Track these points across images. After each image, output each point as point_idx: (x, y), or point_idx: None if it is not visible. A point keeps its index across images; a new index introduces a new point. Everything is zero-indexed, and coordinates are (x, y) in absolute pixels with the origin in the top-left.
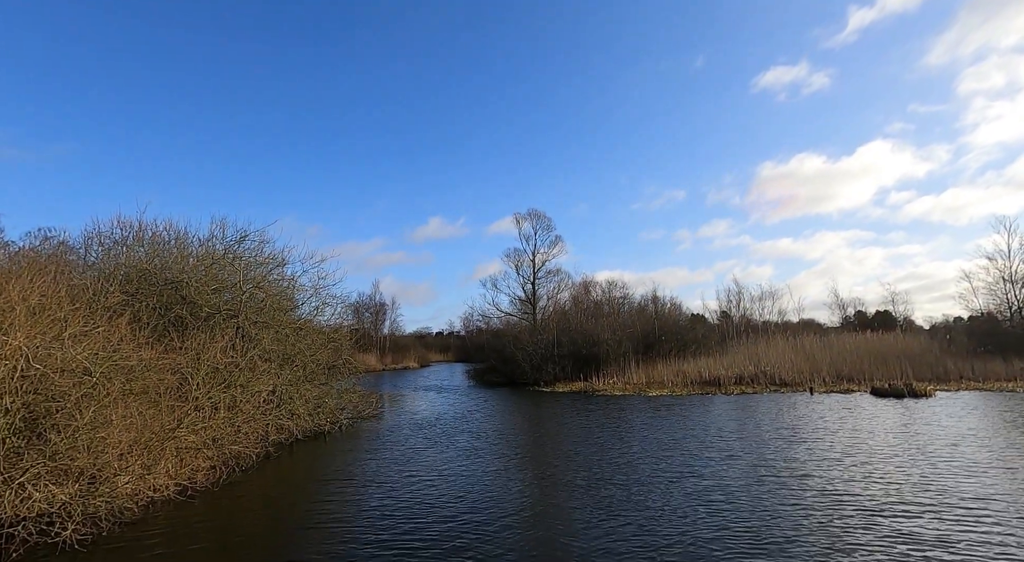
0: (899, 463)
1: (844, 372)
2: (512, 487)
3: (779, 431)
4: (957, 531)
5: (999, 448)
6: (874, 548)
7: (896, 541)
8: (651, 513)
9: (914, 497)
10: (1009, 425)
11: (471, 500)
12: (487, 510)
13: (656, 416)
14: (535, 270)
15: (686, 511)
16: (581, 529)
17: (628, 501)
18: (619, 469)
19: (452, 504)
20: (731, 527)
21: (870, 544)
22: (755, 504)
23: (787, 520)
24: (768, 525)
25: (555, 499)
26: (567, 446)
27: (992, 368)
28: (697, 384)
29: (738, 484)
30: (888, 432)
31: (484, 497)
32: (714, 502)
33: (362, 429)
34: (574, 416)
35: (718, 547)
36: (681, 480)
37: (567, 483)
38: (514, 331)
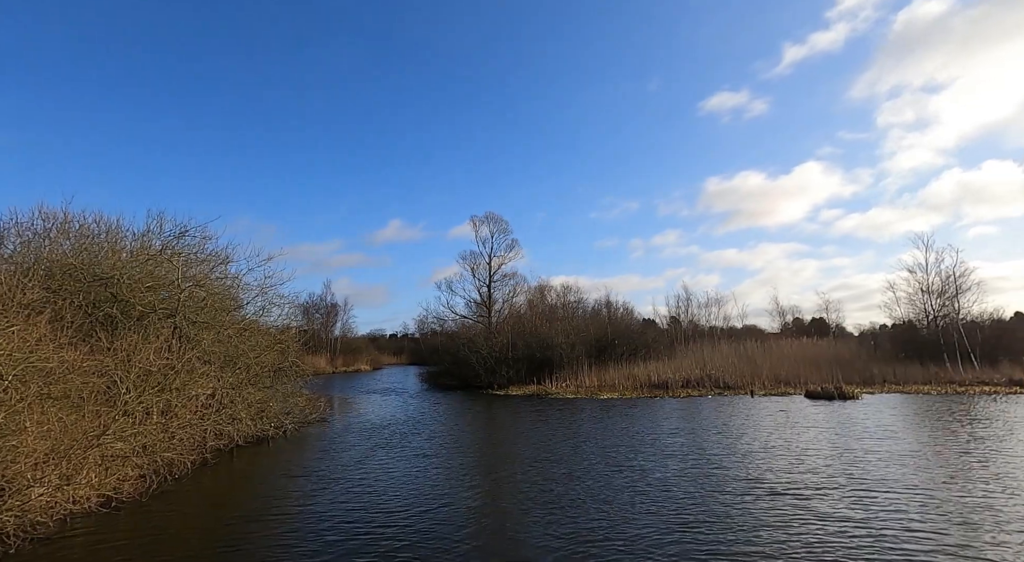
0: (822, 456)
1: (782, 376)
2: (464, 488)
3: (720, 431)
4: (865, 510)
5: (909, 443)
6: (793, 526)
7: (810, 518)
8: (597, 508)
9: (831, 483)
10: (920, 424)
11: (422, 502)
12: (438, 512)
13: (606, 418)
14: (491, 273)
15: (630, 505)
16: (530, 527)
17: (577, 499)
18: (569, 469)
19: (402, 507)
20: (664, 514)
21: (790, 523)
22: (691, 496)
23: (720, 507)
24: (702, 512)
25: (506, 499)
26: (519, 448)
27: (911, 372)
28: (647, 387)
29: (677, 478)
30: (817, 430)
31: (435, 499)
32: (654, 495)
33: (309, 434)
34: (527, 419)
35: (653, 532)
36: (626, 476)
37: (518, 484)
38: (469, 334)
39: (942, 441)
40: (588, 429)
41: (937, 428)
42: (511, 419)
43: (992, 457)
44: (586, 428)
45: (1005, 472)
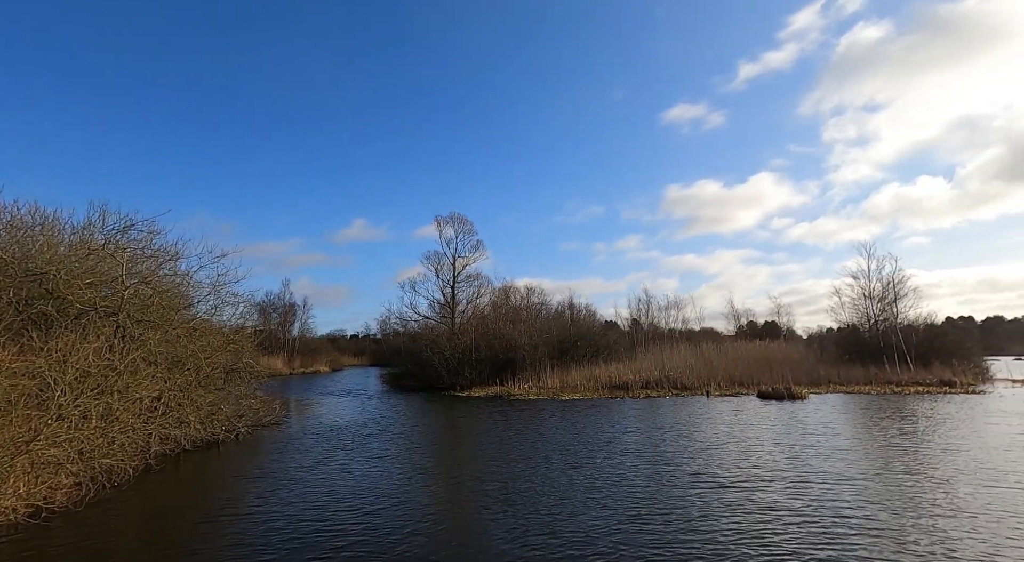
0: (768, 452)
1: (736, 377)
2: (423, 489)
3: (675, 430)
4: (802, 499)
5: (847, 440)
6: (735, 515)
7: (751, 508)
8: (553, 503)
9: (773, 476)
10: (858, 422)
11: (380, 503)
12: (396, 512)
13: (566, 418)
14: (455, 274)
15: (584, 500)
16: (487, 524)
17: (534, 495)
18: (528, 468)
19: (359, 508)
20: (617, 507)
21: (733, 512)
22: (644, 490)
23: (669, 499)
24: (653, 504)
25: (465, 497)
26: (479, 448)
27: (853, 373)
28: (607, 388)
29: (632, 475)
30: (765, 429)
31: (393, 500)
32: (609, 490)
33: (263, 437)
34: (488, 420)
35: (605, 523)
36: (583, 473)
37: (477, 483)
38: (432, 335)
39: (876, 437)
40: (548, 429)
41: (873, 425)
42: (472, 420)
43: (917, 451)
44: (547, 428)
45: (928, 464)
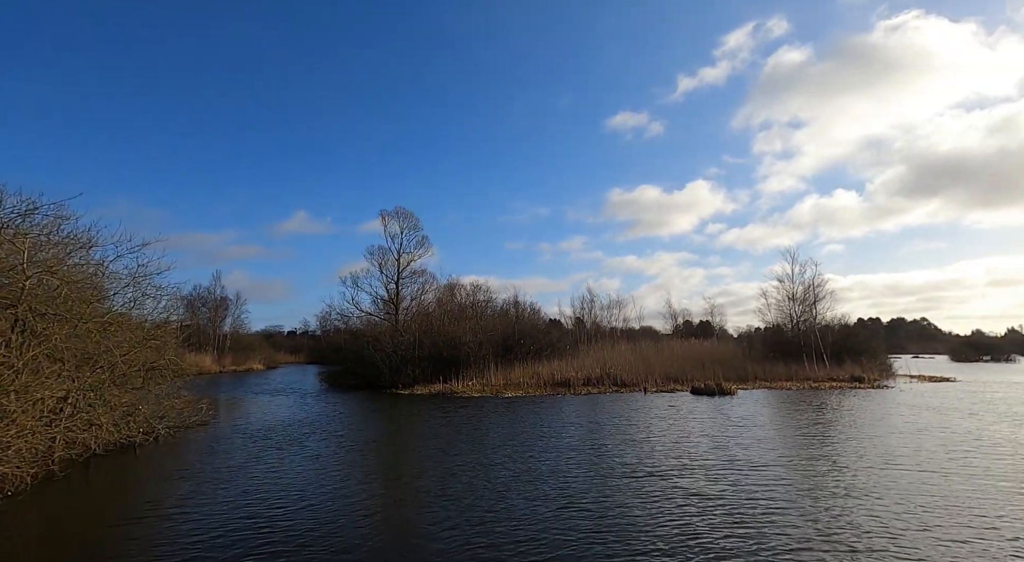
0: (695, 443)
1: (672, 374)
2: (361, 488)
3: (613, 425)
4: (721, 485)
5: (767, 431)
6: (661, 501)
7: (675, 493)
8: (492, 496)
9: (698, 464)
10: (778, 414)
11: (314, 503)
12: (331, 512)
13: (508, 415)
14: (399, 270)
15: (523, 492)
16: (427, 524)
17: (473, 489)
18: (469, 465)
19: (292, 509)
20: (554, 496)
21: (660, 498)
22: (580, 480)
23: (603, 488)
24: (589, 493)
25: (404, 495)
26: (420, 446)
27: (777, 370)
28: (550, 385)
29: (569, 467)
30: (696, 422)
31: (329, 500)
32: (547, 481)
33: (187, 439)
34: (430, 418)
35: (542, 511)
36: (522, 467)
37: (417, 480)
38: (374, 332)
39: (792, 428)
40: (490, 426)
41: (790, 417)
42: (414, 418)
43: (827, 439)
44: (488, 425)
45: (836, 451)
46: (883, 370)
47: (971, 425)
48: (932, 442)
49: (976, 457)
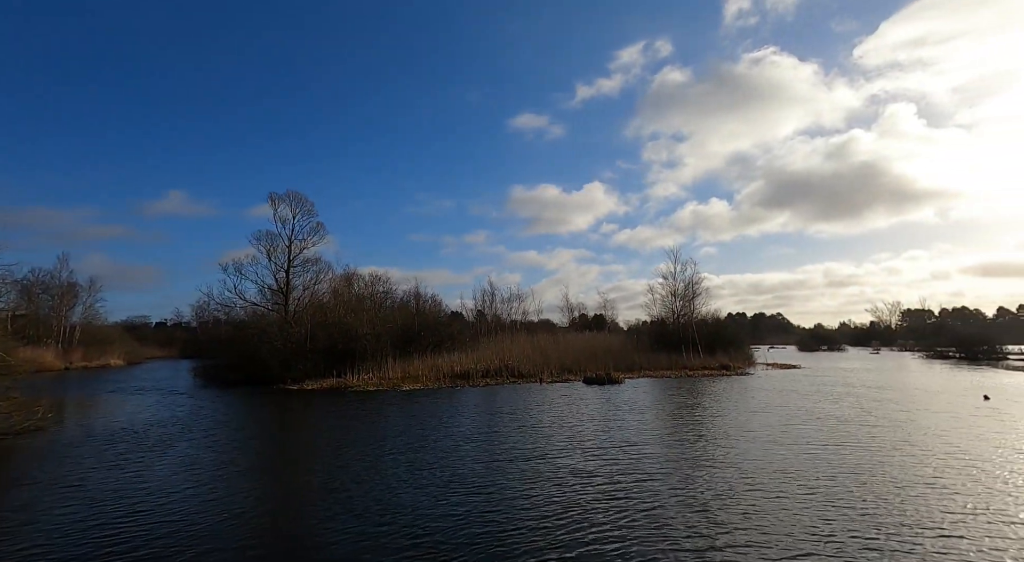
0: (581, 427)
1: (567, 365)
2: (240, 490)
3: (510, 414)
4: (599, 463)
5: (645, 414)
6: (551, 478)
7: (562, 473)
8: (384, 491)
9: (582, 445)
10: (657, 399)
11: (183, 511)
12: (203, 519)
13: (406, 409)
14: (291, 257)
15: (414, 481)
16: (310, 522)
17: (365, 488)
18: (361, 460)
19: (154, 520)
20: (447, 483)
21: (551, 476)
22: (470, 466)
23: (495, 473)
24: (479, 477)
25: (287, 496)
26: (309, 444)
27: (660, 360)
28: (450, 378)
29: (463, 456)
30: (585, 408)
31: (201, 504)
32: (440, 472)
33: (16, 447)
34: (322, 414)
35: (429, 500)
36: (415, 458)
37: (304, 480)
38: (261, 324)
39: (667, 410)
40: (386, 420)
41: (666, 402)
42: (303, 415)
43: (695, 419)
44: (384, 419)
45: (702, 428)
46: (746, 359)
47: (805, 404)
48: (775, 419)
49: (804, 429)
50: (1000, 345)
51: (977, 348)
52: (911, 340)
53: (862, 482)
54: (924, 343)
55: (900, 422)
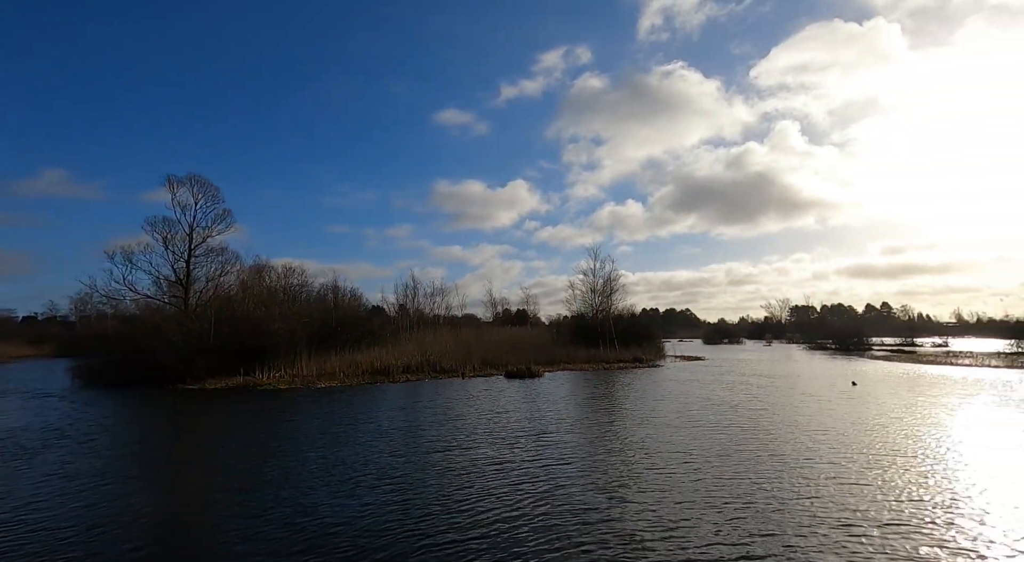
0: (501, 418)
1: (489, 359)
2: (123, 502)
3: (430, 409)
4: (510, 451)
5: (562, 404)
6: (465, 468)
7: (481, 461)
8: (291, 492)
9: (503, 435)
10: (574, 391)
11: (55, 526)
12: (80, 541)
13: (319, 407)
14: (191, 246)
15: (322, 479)
16: (208, 533)
17: (270, 493)
18: (266, 464)
19: (21, 542)
20: (358, 483)
21: (465, 466)
22: (387, 462)
23: (408, 466)
24: (392, 471)
25: (181, 509)
26: (205, 449)
27: (579, 354)
28: (368, 374)
29: (376, 452)
30: (503, 401)
31: (76, 520)
32: (352, 468)
33: None
34: (223, 415)
35: (338, 497)
36: (325, 455)
37: (198, 488)
38: (156, 318)
39: (582, 401)
40: (295, 418)
41: (581, 393)
42: (203, 416)
43: (606, 409)
44: (294, 418)
45: (613, 416)
46: (657, 352)
47: (703, 392)
48: (677, 406)
49: (701, 414)
50: (867, 338)
51: (849, 340)
52: (797, 333)
53: (746, 458)
54: (808, 336)
55: (782, 406)
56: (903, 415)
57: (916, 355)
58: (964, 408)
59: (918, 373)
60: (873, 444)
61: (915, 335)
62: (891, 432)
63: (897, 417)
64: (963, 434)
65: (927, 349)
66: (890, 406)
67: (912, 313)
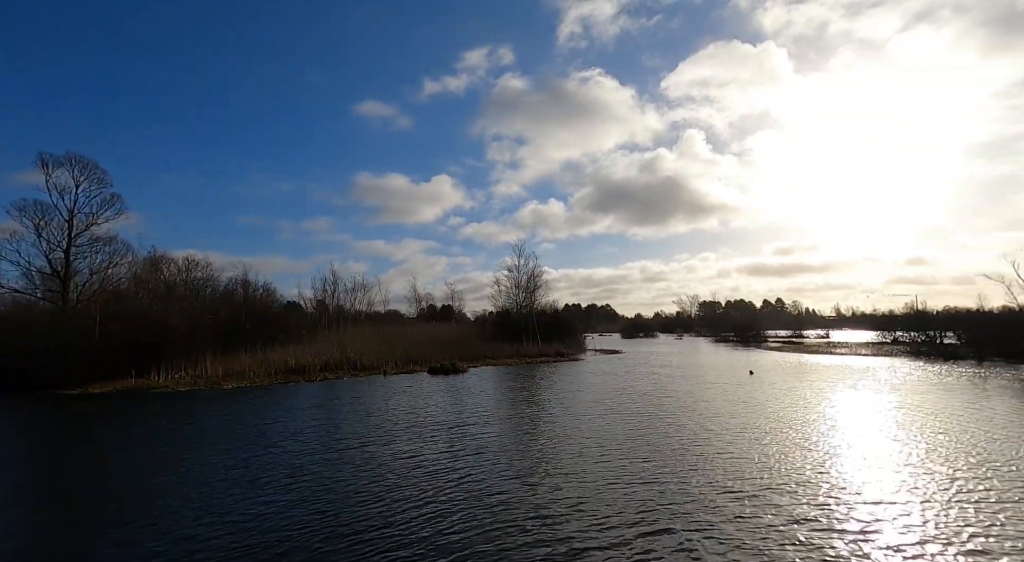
0: (422, 414)
1: (413, 356)
2: None
3: (348, 407)
4: (431, 444)
5: (481, 400)
6: (382, 465)
7: (403, 457)
8: (187, 501)
9: (423, 429)
10: (497, 385)
11: None
12: None
13: (222, 410)
14: (72, 235)
15: (226, 490)
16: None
17: (164, 503)
18: (160, 472)
19: None
20: (265, 487)
21: (388, 460)
22: (297, 463)
23: (321, 466)
24: (304, 475)
25: (57, 529)
26: (81, 461)
27: (503, 349)
28: (282, 373)
29: (286, 454)
30: (424, 397)
31: None
32: (260, 473)
33: None
34: (108, 422)
35: (249, 507)
36: (225, 462)
37: (74, 503)
38: (26, 315)
39: (504, 394)
40: (195, 423)
41: (503, 387)
42: (83, 424)
43: (526, 402)
44: (192, 422)
45: (530, 411)
46: (578, 346)
47: (617, 383)
48: (592, 396)
49: (613, 402)
50: (764, 330)
51: (748, 333)
52: (705, 327)
53: (652, 440)
54: (714, 329)
55: (686, 393)
56: (787, 398)
57: (803, 346)
58: (835, 391)
59: (803, 362)
60: (760, 424)
61: (803, 328)
62: (775, 413)
63: (782, 400)
64: (831, 413)
65: (812, 340)
66: (778, 391)
67: (801, 308)
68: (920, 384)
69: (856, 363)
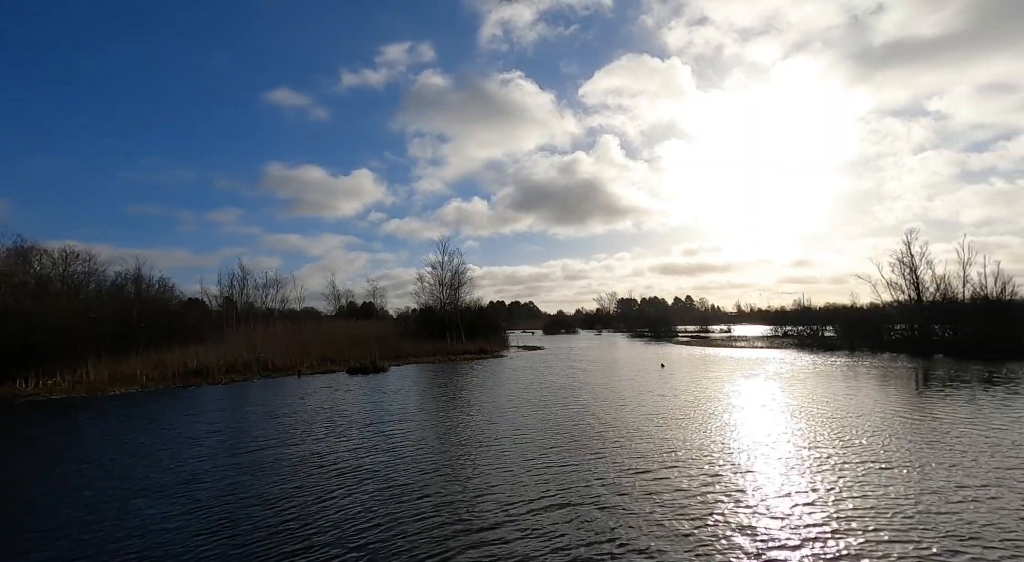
0: (337, 415)
1: (330, 355)
2: None
3: (256, 410)
4: (359, 442)
5: (402, 398)
6: (297, 464)
7: (311, 458)
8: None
9: (337, 430)
10: (418, 384)
11: None
12: None
13: (104, 418)
14: None
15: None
16: None
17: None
18: (18, 490)
19: None
20: (171, 501)
21: (297, 463)
22: (192, 472)
23: (221, 471)
24: (209, 485)
25: None
26: None
27: (426, 347)
28: (181, 376)
29: (189, 460)
30: (341, 397)
31: None
32: (150, 489)
33: None
34: None
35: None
36: (111, 483)
37: None
38: None
39: (424, 393)
40: (68, 432)
41: (424, 386)
42: None
43: (446, 400)
44: (66, 431)
45: (449, 408)
46: (502, 343)
47: (537, 378)
48: (509, 390)
49: (532, 396)
50: (674, 326)
51: (661, 328)
52: (622, 323)
53: (567, 429)
54: (630, 325)
55: (601, 386)
56: (691, 387)
57: (709, 340)
58: (734, 382)
59: (708, 355)
60: (668, 410)
61: (709, 323)
62: (681, 400)
63: (689, 390)
64: (729, 398)
65: (717, 335)
66: (684, 381)
67: (707, 305)
68: (800, 373)
69: (752, 355)
